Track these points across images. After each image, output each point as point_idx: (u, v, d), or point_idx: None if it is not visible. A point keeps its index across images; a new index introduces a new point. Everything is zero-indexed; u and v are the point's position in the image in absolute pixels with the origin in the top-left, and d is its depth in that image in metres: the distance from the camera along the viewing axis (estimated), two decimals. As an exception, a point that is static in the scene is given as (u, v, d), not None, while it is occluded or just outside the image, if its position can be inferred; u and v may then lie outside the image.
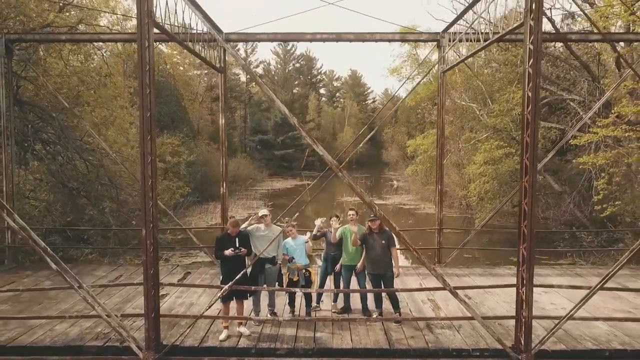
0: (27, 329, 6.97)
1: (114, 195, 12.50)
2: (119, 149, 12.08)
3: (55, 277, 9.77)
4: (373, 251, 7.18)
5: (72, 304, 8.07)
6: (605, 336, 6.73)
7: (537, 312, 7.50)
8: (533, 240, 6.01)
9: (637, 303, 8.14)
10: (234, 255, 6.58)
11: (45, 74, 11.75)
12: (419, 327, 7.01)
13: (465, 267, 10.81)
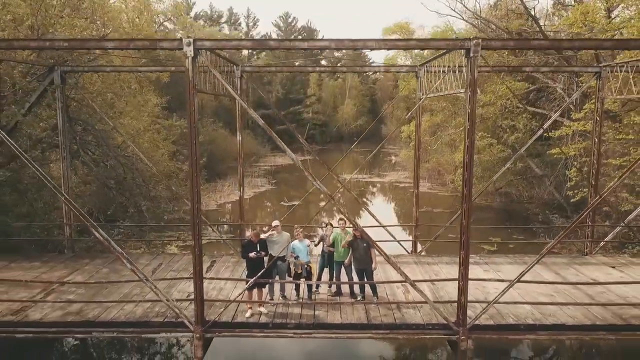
0: (104, 309, 9.52)
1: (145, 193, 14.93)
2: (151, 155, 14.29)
3: (110, 264, 12.36)
4: (357, 252, 9.67)
5: (130, 288, 10.59)
6: (525, 314, 9.25)
7: (484, 295, 10.04)
8: (468, 249, 8.45)
9: (560, 287, 10.63)
10: (256, 257, 9.08)
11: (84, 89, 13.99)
12: (390, 307, 9.55)
13: (437, 255, 13.29)
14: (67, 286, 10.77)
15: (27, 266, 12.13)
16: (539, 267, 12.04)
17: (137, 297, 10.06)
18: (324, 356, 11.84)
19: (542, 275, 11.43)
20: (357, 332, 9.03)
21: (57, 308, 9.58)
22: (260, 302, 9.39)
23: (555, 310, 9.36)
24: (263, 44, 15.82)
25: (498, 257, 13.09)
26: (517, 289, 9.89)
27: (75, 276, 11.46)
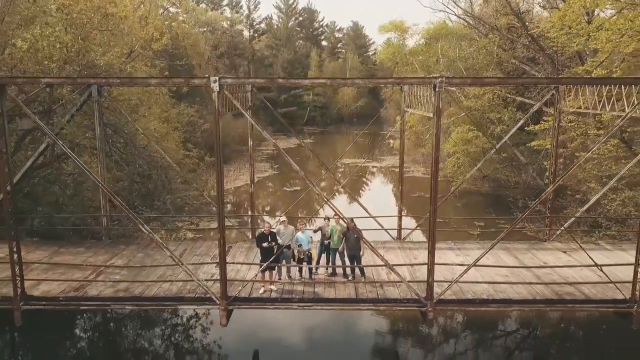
0: (146, 287, 11.90)
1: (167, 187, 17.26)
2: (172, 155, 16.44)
3: (143, 249, 14.74)
4: (349, 241, 12.02)
5: (164, 270, 12.96)
6: (482, 291, 11.61)
7: (451, 276, 12.35)
8: (434, 241, 10.75)
9: (514, 269, 12.98)
10: (268, 246, 11.43)
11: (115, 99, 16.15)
12: (375, 285, 11.93)
13: (418, 242, 15.64)
14: (111, 268, 13.17)
15: (74, 251, 14.52)
16: (502, 251, 14.44)
17: (171, 277, 12.44)
18: (322, 324, 14.35)
19: (503, 259, 13.79)
20: (348, 305, 11.45)
21: (108, 286, 11.98)
22: (271, 282, 11.78)
23: (506, 288, 11.74)
24: (274, 82, 17.43)
25: (470, 244, 15.44)
26: (479, 270, 12.28)
27: (117, 260, 13.85)
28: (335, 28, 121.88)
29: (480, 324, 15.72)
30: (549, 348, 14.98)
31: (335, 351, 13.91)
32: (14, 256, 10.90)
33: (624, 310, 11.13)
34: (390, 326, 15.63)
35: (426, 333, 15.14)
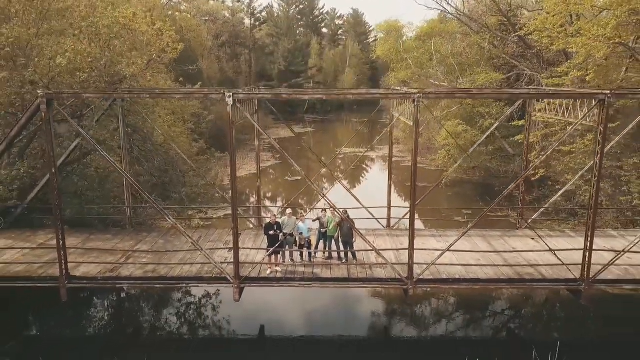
0: (170, 268, 13.97)
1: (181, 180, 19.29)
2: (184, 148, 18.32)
3: (163, 236, 16.80)
4: (343, 230, 14.06)
5: (184, 254, 15.03)
6: (455, 272, 13.66)
7: (431, 259, 14.41)
8: (414, 232, 12.77)
9: (486, 253, 15.02)
10: (274, 234, 13.48)
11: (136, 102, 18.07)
12: (365, 267, 13.99)
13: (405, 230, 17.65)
14: (138, 253, 15.24)
15: (103, 238, 16.59)
16: (479, 238, 16.51)
17: (190, 260, 14.52)
18: (319, 301, 16.49)
19: (478, 245, 15.85)
20: (341, 284, 13.55)
21: (137, 268, 14.07)
22: (276, 264, 13.86)
23: (477, 270, 13.81)
24: (278, 96, 18.85)
25: (451, 231, 17.47)
26: (455, 254, 14.34)
27: (142, 245, 15.92)
28: (336, 15, 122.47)
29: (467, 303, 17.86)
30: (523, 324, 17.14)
31: (331, 325, 16.03)
32: (60, 243, 12.95)
33: (574, 288, 13.21)
34: (379, 303, 17.73)
35: (410, 311, 17.26)
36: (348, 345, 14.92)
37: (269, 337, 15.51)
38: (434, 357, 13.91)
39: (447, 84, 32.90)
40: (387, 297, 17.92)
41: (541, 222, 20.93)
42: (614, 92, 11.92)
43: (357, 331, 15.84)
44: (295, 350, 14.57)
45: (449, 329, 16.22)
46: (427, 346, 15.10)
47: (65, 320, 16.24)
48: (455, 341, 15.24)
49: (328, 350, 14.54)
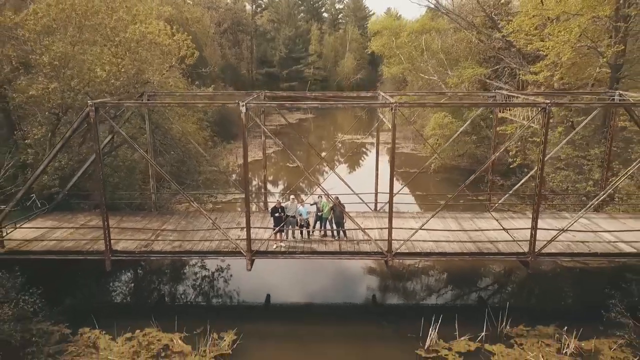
0: (193, 244, 17.00)
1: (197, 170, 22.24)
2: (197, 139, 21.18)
3: (184, 218, 19.82)
4: (335, 213, 17.06)
5: (204, 232, 18.03)
6: (428, 247, 16.65)
7: (408, 236, 17.41)
8: (392, 213, 15.73)
9: (455, 233, 18.00)
10: (279, 215, 16.49)
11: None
12: (353, 243, 17.03)
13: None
14: (165, 231, 18.26)
15: (134, 220, 19.60)
16: (451, 219, 19.51)
17: (209, 237, 17.55)
18: (316, 270, 19.57)
19: (449, 225, 18.83)
20: (334, 256, 16.61)
21: (166, 244, 17.11)
22: (280, 240, 16.89)
23: (445, 245, 16.82)
24: (282, 105, 21.53)
25: (429, 214, 20.41)
26: (428, 232, 17.32)
27: (167, 225, 18.95)
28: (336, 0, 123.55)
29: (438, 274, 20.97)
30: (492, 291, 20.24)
31: (326, 292, 19.12)
32: (105, 223, 15.97)
33: (523, 260, 16.25)
34: (366, 274, 20.78)
35: (391, 280, 20.34)
36: (340, 308, 18.03)
37: (274, 304, 18.57)
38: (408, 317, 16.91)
39: (436, 77, 35.48)
40: (372, 268, 20.97)
41: (512, 205, 23.94)
42: (553, 102, 14.76)
43: (348, 297, 18.93)
44: (297, 314, 17.68)
45: (421, 294, 19.33)
46: (403, 309, 18.19)
47: (106, 288, 19.40)
48: (426, 304, 18.30)
49: (324, 314, 17.63)
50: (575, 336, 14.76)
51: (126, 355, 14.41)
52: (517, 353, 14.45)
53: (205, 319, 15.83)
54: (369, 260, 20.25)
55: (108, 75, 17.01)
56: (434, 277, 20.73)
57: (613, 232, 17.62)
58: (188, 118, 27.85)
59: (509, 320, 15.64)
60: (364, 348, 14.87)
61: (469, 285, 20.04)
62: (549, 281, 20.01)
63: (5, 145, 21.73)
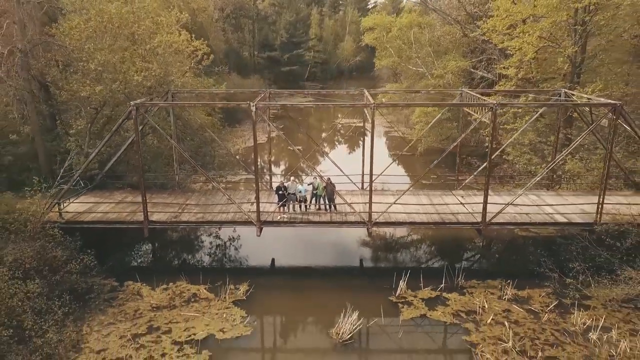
0: (213, 216, 21.14)
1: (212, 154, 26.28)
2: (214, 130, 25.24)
3: (203, 195, 23.93)
4: (328, 191, 21.14)
5: (220, 206, 22.14)
6: (402, 218, 20.75)
7: (386, 208, 21.48)
8: (372, 192, 19.78)
9: (425, 207, 22.09)
10: (282, 193, 20.58)
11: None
12: (342, 215, 21.14)
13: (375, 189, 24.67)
14: (189, 206, 22.37)
15: (162, 196, 23.66)
16: (424, 196, 23.57)
17: (226, 210, 21.66)
18: (311, 238, 23.76)
19: (421, 200, 22.90)
20: (326, 225, 20.75)
21: (191, 216, 21.24)
22: (283, 212, 21.02)
23: (415, 216, 20.93)
24: (284, 106, 24.93)
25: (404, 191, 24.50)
26: (404, 207, 21.39)
27: (190, 201, 23.06)
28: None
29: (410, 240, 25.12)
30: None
31: (320, 255, 23.28)
32: (144, 198, 20.06)
33: (477, 228, 20.37)
34: (352, 240, 24.90)
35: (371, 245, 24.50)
36: (331, 267, 22.23)
37: (278, 264, 22.74)
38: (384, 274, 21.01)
39: (424, 68, 39.09)
40: (358, 236, 25.07)
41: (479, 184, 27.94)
42: (499, 103, 18.65)
43: (337, 259, 23.08)
44: (296, 271, 21.88)
45: (395, 256, 23.55)
46: (380, 267, 22.39)
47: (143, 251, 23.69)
48: (398, 264, 22.46)
49: (318, 271, 21.81)
50: (513, 286, 18.98)
51: (164, 300, 18.65)
52: (467, 299, 18.67)
53: (224, 275, 20.06)
54: (355, 229, 24.36)
55: (142, 79, 20.87)
56: (406, 243, 24.95)
57: (553, 206, 21.75)
58: (202, 108, 31.84)
59: (463, 276, 19.86)
60: (350, 296, 19.01)
61: (434, 249, 24.28)
62: (498, 246, 24.24)
63: (50, 134, 25.75)
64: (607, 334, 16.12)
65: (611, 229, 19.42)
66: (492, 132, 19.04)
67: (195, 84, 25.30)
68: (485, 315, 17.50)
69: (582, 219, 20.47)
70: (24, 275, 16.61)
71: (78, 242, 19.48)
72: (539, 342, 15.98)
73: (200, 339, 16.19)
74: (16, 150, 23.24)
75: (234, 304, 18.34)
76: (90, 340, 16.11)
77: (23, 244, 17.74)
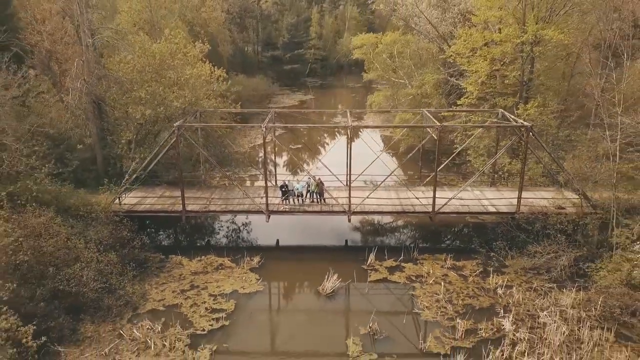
0: (234, 206, 28.31)
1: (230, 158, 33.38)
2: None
3: (225, 190, 31.14)
4: (319, 188, 28.28)
5: (239, 199, 29.29)
6: (375, 208, 27.88)
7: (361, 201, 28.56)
8: (350, 188, 26.86)
9: (392, 200, 29.16)
10: (284, 190, 27.73)
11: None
12: (329, 206, 28.28)
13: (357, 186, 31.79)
14: (214, 199, 29.50)
15: (192, 191, 30.76)
16: (393, 191, 30.68)
17: (242, 202, 28.80)
18: (307, 221, 31.01)
19: (392, 195, 29.98)
20: (317, 214, 27.96)
21: (217, 206, 28.43)
22: (285, 204, 28.18)
23: (384, 207, 28.05)
24: (286, 127, 32.12)
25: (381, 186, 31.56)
26: (377, 199, 28.48)
27: (215, 195, 30.20)
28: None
29: (380, 226, 32.28)
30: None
31: (314, 237, 30.43)
32: (182, 193, 27.21)
33: (429, 216, 27.49)
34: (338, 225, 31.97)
35: (351, 229, 31.62)
36: (321, 245, 29.40)
37: (282, 243, 29.90)
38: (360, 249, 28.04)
39: (405, 80, 45.82)
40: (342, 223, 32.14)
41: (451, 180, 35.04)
42: (443, 125, 25.59)
43: (326, 239, 30.21)
44: (295, 248, 29.08)
45: (368, 236, 30.71)
46: (357, 244, 29.54)
47: (181, 233, 30.95)
48: (370, 242, 29.58)
49: (311, 248, 28.99)
50: (452, 258, 26.17)
51: (199, 268, 25.88)
52: (418, 267, 25.86)
53: (242, 251, 27.33)
54: (338, 217, 31.43)
55: (179, 104, 27.90)
56: (377, 227, 32.14)
57: (490, 199, 28.83)
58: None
59: (417, 251, 27.05)
60: (333, 265, 25.98)
61: (397, 231, 31.53)
62: (445, 229, 31.37)
63: (102, 142, 32.85)
64: (509, 290, 23.31)
65: (526, 217, 26.49)
66: (437, 146, 26.03)
67: (217, 105, 32.30)
68: (428, 278, 24.70)
69: (507, 209, 27.56)
70: (104, 249, 23.86)
71: (135, 226, 26.69)
72: (462, 295, 23.21)
73: (227, 292, 23.47)
74: (80, 156, 30.30)
75: (250, 271, 25.60)
76: (152, 293, 23.40)
77: (100, 227, 24.97)
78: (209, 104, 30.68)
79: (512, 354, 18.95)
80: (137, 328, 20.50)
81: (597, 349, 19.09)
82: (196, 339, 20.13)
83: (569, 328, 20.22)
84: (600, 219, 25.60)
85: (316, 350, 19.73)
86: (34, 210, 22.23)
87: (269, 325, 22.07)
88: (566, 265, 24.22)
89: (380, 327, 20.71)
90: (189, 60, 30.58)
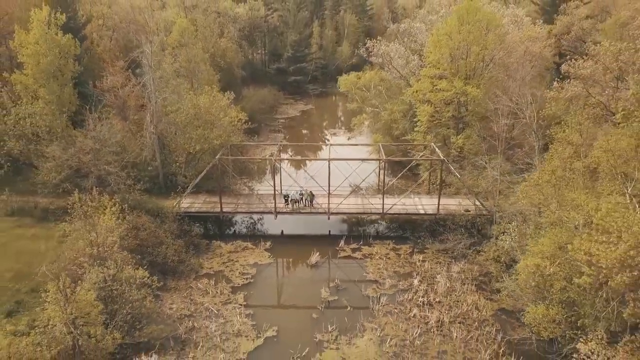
0: (253, 208, 43.02)
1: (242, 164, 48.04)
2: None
3: (242, 196, 45.91)
4: (311, 196, 42.93)
5: (255, 204, 43.95)
6: (348, 209, 42.45)
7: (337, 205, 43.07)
8: (329, 193, 41.41)
9: (368, 204, 43.66)
10: (286, 198, 42.41)
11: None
12: (318, 209, 42.89)
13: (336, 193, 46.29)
14: (239, 203, 44.18)
15: (223, 197, 45.43)
16: (361, 197, 45.27)
17: (258, 204, 43.44)
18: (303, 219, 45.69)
19: (357, 200, 44.48)
20: (309, 214, 42.64)
21: (242, 208, 43.17)
22: (287, 207, 42.83)
23: (353, 209, 42.65)
24: (291, 159, 46.75)
25: (353, 194, 46.01)
26: (354, 202, 43.04)
27: (239, 200, 44.87)
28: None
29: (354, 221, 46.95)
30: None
31: (309, 229, 44.97)
32: (220, 198, 41.92)
33: (380, 216, 42.07)
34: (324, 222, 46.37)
35: (329, 226, 46.18)
36: (313, 235, 43.98)
37: (285, 233, 44.53)
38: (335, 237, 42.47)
39: (380, 108, 59.87)
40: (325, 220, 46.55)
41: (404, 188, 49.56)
42: (387, 159, 39.98)
43: (315, 231, 44.78)
44: (295, 237, 43.75)
45: (342, 229, 45.21)
46: (334, 234, 44.00)
47: (220, 227, 45.87)
48: (342, 233, 44.03)
49: (306, 236, 43.58)
50: (394, 243, 40.83)
51: (232, 250, 40.66)
52: (370, 249, 40.40)
53: (259, 238, 42.13)
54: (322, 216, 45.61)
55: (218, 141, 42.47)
56: (349, 223, 46.69)
57: (423, 204, 43.34)
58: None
59: (371, 238, 41.73)
60: (317, 247, 40.37)
61: (360, 225, 46.02)
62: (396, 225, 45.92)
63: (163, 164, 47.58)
64: (424, 263, 37.95)
65: (443, 216, 41.01)
66: (383, 174, 40.39)
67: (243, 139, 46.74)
68: (376, 256, 39.37)
69: (432, 211, 42.06)
70: (175, 237, 38.69)
71: (190, 221, 41.52)
72: (395, 266, 37.88)
73: (251, 263, 38.31)
74: (148, 174, 45.07)
75: (265, 251, 40.40)
76: (205, 264, 38.25)
77: (170, 223, 39.78)
78: (235, 138, 45.28)
79: (414, 297, 33.65)
80: (200, 282, 35.38)
81: (462, 295, 33.74)
82: (234, 289, 34.95)
83: (451, 284, 34.87)
84: (488, 218, 40.09)
85: (304, 297, 34.53)
86: (134, 213, 37.00)
87: (276, 283, 36.89)
88: (463, 248, 38.79)
89: (341, 283, 35.45)
90: (221, 107, 45.09)
